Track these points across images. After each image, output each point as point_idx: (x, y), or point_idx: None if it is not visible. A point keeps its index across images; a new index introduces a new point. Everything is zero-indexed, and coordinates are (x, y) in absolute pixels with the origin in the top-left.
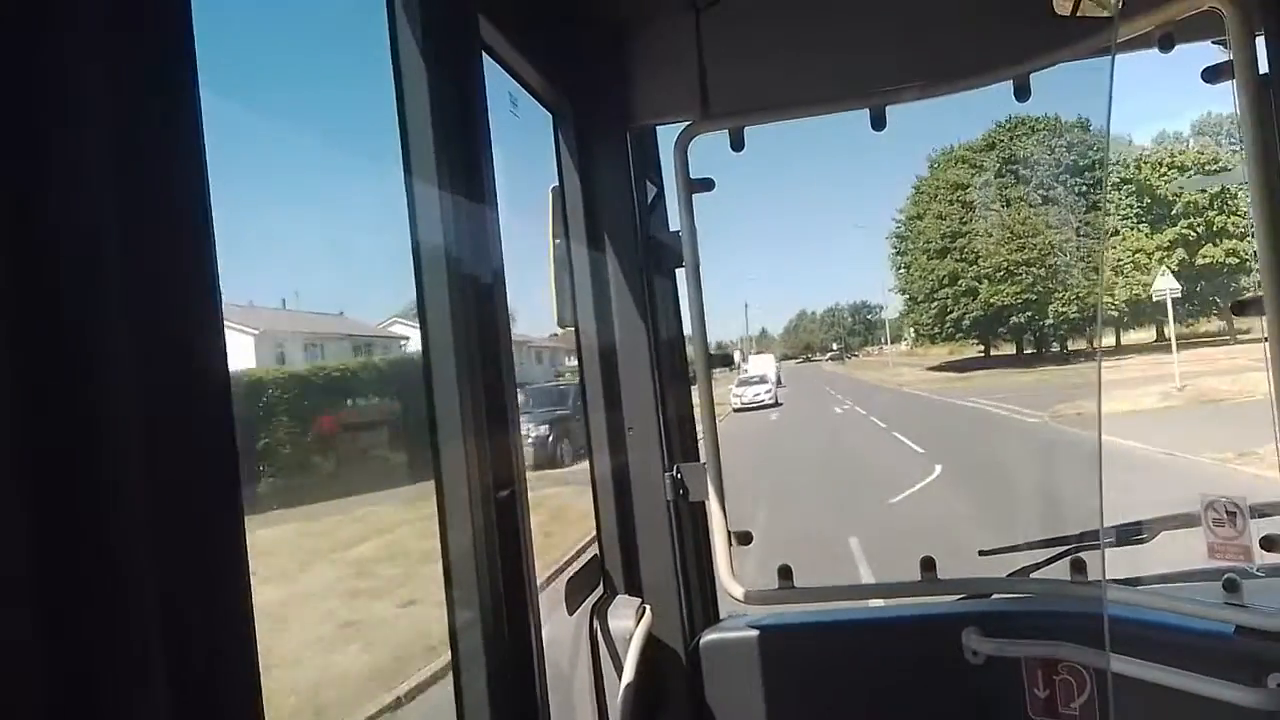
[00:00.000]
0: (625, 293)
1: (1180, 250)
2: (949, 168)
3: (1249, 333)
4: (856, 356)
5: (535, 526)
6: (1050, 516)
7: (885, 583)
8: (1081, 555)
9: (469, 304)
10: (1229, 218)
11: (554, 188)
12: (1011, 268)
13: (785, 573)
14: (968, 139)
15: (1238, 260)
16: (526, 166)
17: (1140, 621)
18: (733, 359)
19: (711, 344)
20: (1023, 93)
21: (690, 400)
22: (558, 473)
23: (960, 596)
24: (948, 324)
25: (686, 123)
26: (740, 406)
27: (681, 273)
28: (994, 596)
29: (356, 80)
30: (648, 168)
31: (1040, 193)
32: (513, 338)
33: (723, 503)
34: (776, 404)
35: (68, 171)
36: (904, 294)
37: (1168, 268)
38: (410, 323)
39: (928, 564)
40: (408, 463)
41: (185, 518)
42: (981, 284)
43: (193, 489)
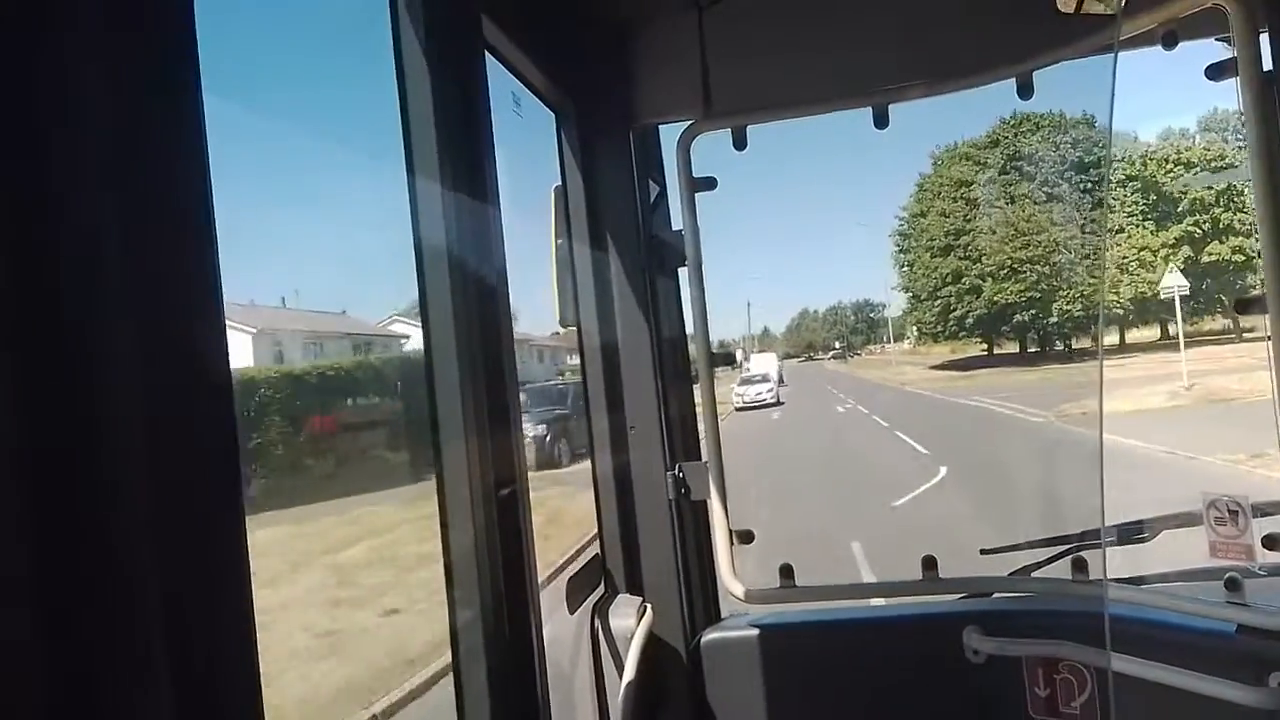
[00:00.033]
0: (628, 292)
1: (1186, 248)
2: (952, 164)
3: (1254, 331)
4: (859, 355)
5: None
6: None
7: (886, 582)
8: (1083, 554)
9: (471, 303)
10: (1235, 215)
11: (556, 187)
12: (1015, 265)
13: (786, 572)
14: (971, 136)
15: (1244, 258)
16: (529, 166)
17: (1141, 620)
18: (734, 358)
19: (713, 343)
20: (1026, 90)
21: (692, 399)
22: (555, 473)
23: (961, 595)
24: (951, 322)
25: (689, 122)
26: (742, 405)
27: (684, 272)
28: (995, 595)
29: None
30: (650, 167)
31: (1045, 190)
32: (514, 336)
33: (724, 502)
34: (778, 403)
35: (68, 171)
36: (907, 292)
37: (1175, 265)
38: (410, 321)
39: (929, 563)
40: (404, 462)
41: (187, 517)
42: (985, 282)
43: (194, 489)
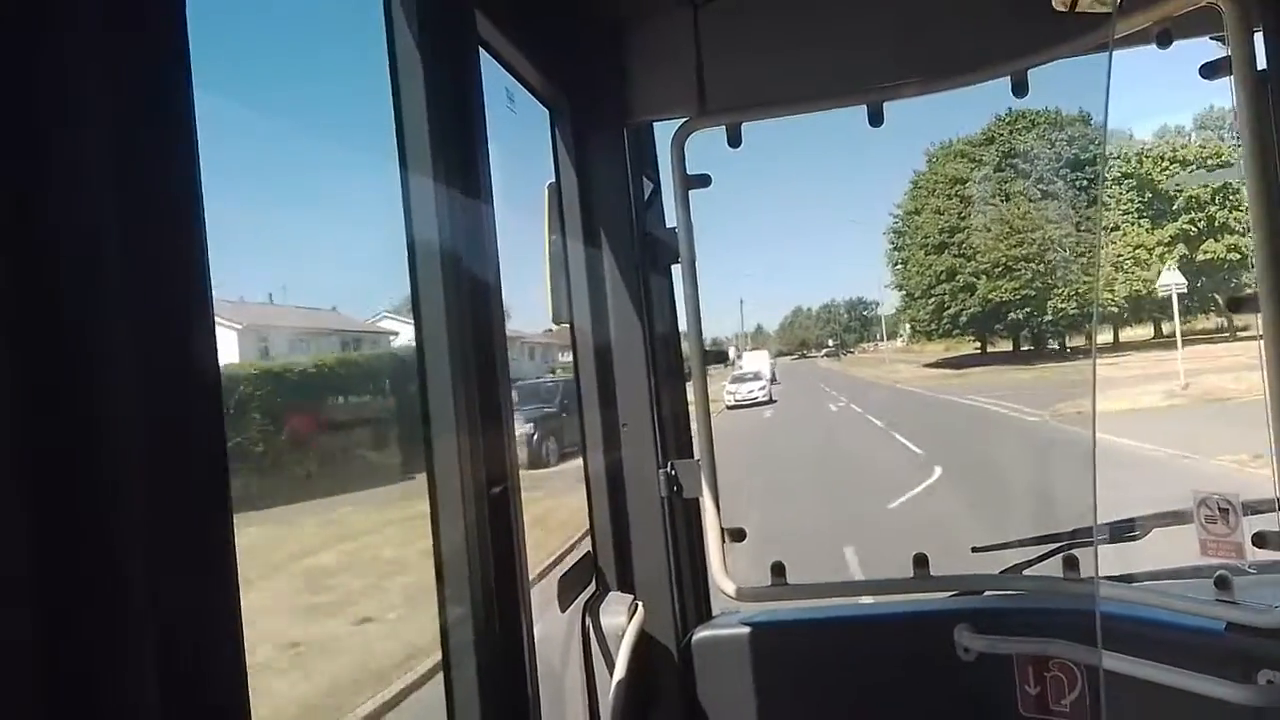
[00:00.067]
0: (621, 289)
1: (1181, 246)
2: (947, 162)
3: (1247, 330)
4: (852, 353)
5: None
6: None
7: (877, 579)
8: (1074, 552)
9: (464, 300)
10: (1231, 213)
11: (550, 184)
12: (1010, 263)
13: (778, 569)
14: (966, 133)
15: (1239, 256)
16: (523, 163)
17: (1132, 618)
18: (727, 355)
19: (707, 340)
20: (1021, 89)
21: (685, 397)
22: (542, 473)
23: (952, 593)
24: (945, 320)
25: (684, 119)
26: (734, 403)
27: (678, 269)
28: (986, 593)
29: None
30: (645, 164)
31: (1040, 187)
32: (507, 334)
33: (716, 499)
34: (770, 401)
35: (65, 171)
36: (901, 290)
37: (1171, 263)
38: (400, 318)
39: (920, 561)
40: (389, 461)
41: (180, 516)
42: (979, 280)
43: (186, 488)
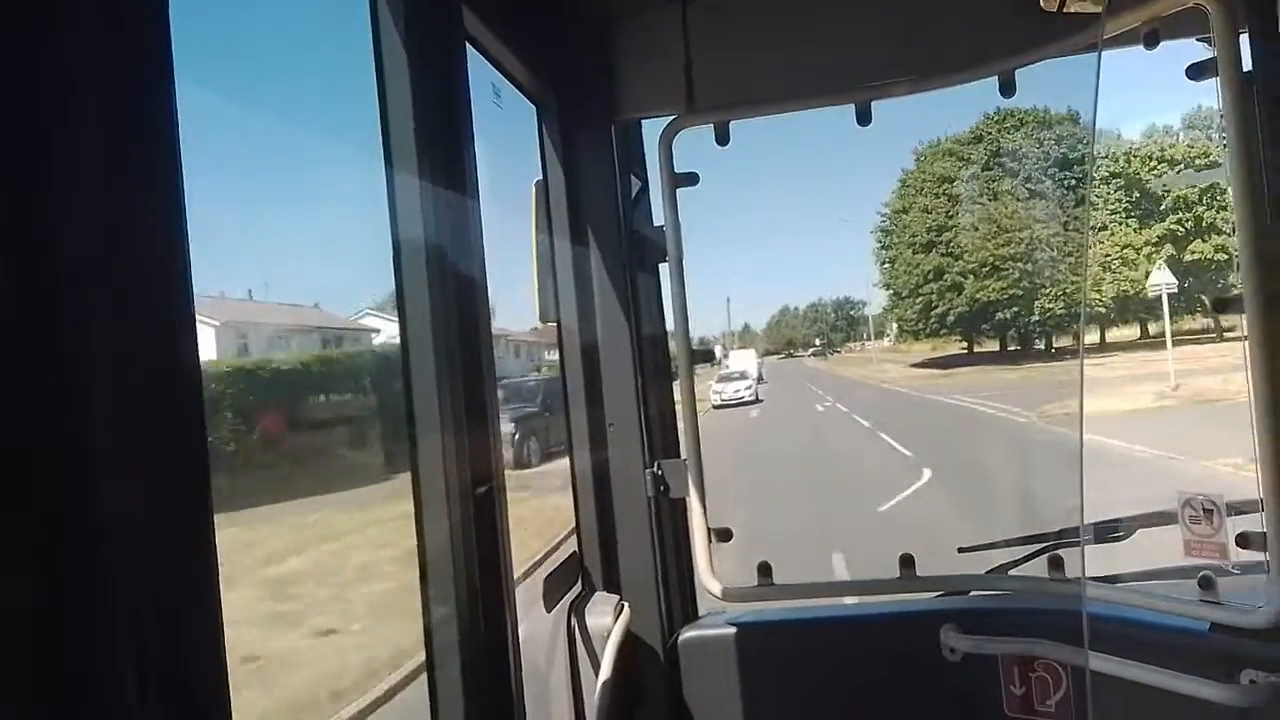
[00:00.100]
0: (608, 288)
1: (1169, 246)
2: (935, 161)
3: (1233, 331)
4: (839, 352)
5: None
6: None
7: (863, 580)
8: (1059, 553)
9: (449, 298)
10: (1218, 213)
11: (537, 181)
12: (998, 262)
13: (764, 570)
14: (954, 132)
15: (1226, 257)
16: (510, 160)
17: (1116, 619)
18: (714, 355)
19: (694, 339)
20: (1008, 88)
21: (672, 396)
22: (524, 474)
23: (938, 594)
24: (932, 319)
25: (672, 117)
26: (720, 403)
27: (665, 268)
28: (972, 594)
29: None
30: (632, 162)
31: (1028, 186)
32: (492, 332)
33: (703, 499)
34: (757, 400)
35: (62, 170)
36: (888, 289)
37: (1162, 263)
38: (382, 315)
39: (906, 561)
40: (368, 462)
41: (162, 515)
42: (967, 279)
43: (168, 487)
